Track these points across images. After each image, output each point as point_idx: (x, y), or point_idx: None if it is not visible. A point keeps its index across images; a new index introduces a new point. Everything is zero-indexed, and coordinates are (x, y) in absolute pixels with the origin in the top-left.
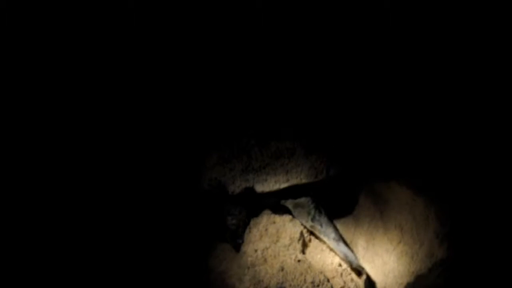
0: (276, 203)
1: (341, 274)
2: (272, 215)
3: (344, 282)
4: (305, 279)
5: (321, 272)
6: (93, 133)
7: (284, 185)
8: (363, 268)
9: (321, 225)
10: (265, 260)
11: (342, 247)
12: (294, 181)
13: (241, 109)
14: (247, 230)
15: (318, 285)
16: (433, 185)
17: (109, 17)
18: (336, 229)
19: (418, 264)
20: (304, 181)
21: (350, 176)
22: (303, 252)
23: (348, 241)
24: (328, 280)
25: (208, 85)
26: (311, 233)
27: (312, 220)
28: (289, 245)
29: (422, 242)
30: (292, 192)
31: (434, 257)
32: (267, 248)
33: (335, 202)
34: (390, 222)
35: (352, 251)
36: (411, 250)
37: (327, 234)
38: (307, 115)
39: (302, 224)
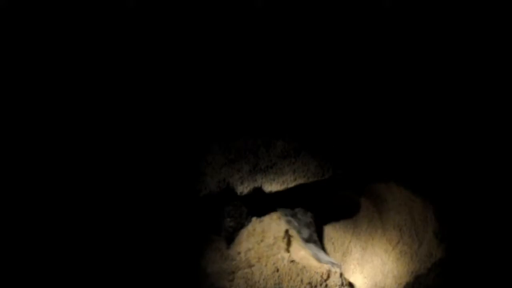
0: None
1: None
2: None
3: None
4: (301, 280)
5: (316, 272)
6: (95, 132)
7: (292, 184)
8: (334, 264)
9: (298, 222)
10: (249, 263)
11: (311, 247)
12: (301, 180)
13: (247, 110)
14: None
15: (315, 286)
16: (432, 186)
17: (110, 16)
18: (312, 231)
19: (417, 264)
20: (311, 179)
21: (355, 174)
22: (287, 250)
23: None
24: (324, 280)
25: (213, 85)
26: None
27: (292, 215)
28: (273, 244)
29: (421, 242)
30: (299, 191)
31: (433, 257)
32: (250, 250)
33: (334, 202)
34: (389, 223)
35: (324, 250)
36: (410, 250)
37: (300, 232)
38: (312, 116)
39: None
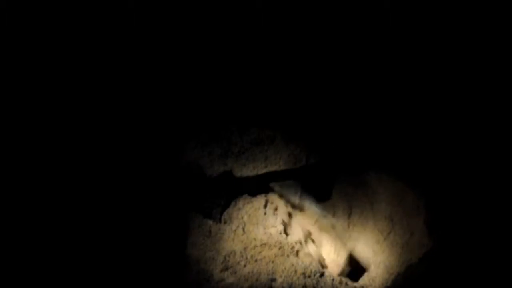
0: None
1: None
2: (248, 206)
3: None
4: (295, 271)
5: (311, 263)
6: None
7: (262, 171)
8: None
9: (309, 202)
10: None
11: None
12: (272, 167)
13: (223, 95)
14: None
15: (309, 276)
16: (423, 176)
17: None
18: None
19: (409, 254)
20: (282, 167)
21: (332, 165)
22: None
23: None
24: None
25: (190, 69)
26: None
27: (300, 197)
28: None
29: (412, 233)
30: (273, 178)
31: (424, 247)
32: (245, 249)
33: (325, 195)
34: (380, 213)
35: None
36: (402, 240)
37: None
38: (290, 104)
39: (289, 202)
